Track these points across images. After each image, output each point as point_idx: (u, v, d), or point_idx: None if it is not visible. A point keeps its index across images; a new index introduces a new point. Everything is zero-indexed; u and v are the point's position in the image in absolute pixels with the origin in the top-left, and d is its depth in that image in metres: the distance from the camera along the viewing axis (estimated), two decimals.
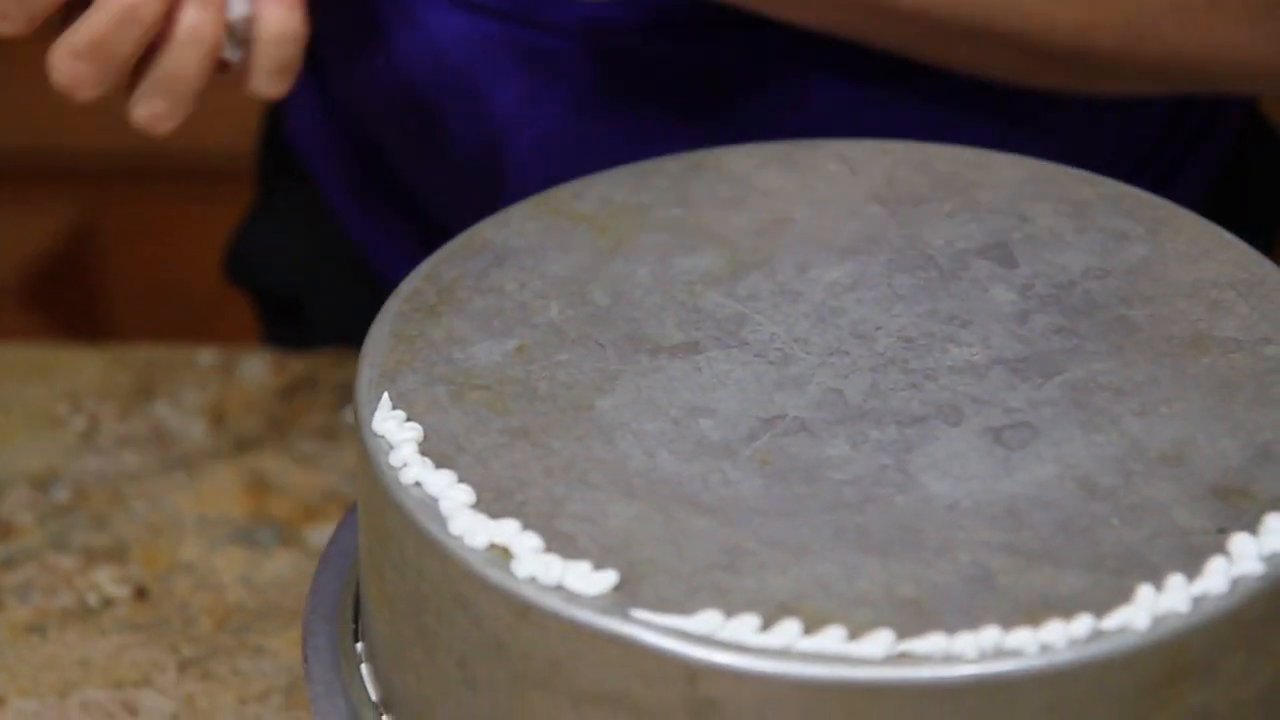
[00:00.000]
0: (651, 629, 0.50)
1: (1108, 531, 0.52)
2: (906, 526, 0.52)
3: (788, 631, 0.50)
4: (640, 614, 0.51)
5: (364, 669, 0.58)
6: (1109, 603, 0.50)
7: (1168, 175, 0.79)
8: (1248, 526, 0.52)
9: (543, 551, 0.52)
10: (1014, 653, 0.49)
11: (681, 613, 0.50)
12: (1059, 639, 0.50)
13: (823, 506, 0.53)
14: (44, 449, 0.79)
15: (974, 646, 0.50)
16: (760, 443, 0.55)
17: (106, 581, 0.74)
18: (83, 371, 0.82)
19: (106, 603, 0.73)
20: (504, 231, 0.62)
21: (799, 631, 0.50)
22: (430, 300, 0.59)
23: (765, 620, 0.50)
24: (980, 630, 0.50)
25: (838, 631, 0.50)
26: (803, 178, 0.63)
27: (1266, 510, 0.52)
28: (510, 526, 0.53)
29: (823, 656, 0.50)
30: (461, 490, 0.53)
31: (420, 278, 0.60)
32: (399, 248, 0.84)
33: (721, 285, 0.60)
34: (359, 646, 0.59)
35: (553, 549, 0.52)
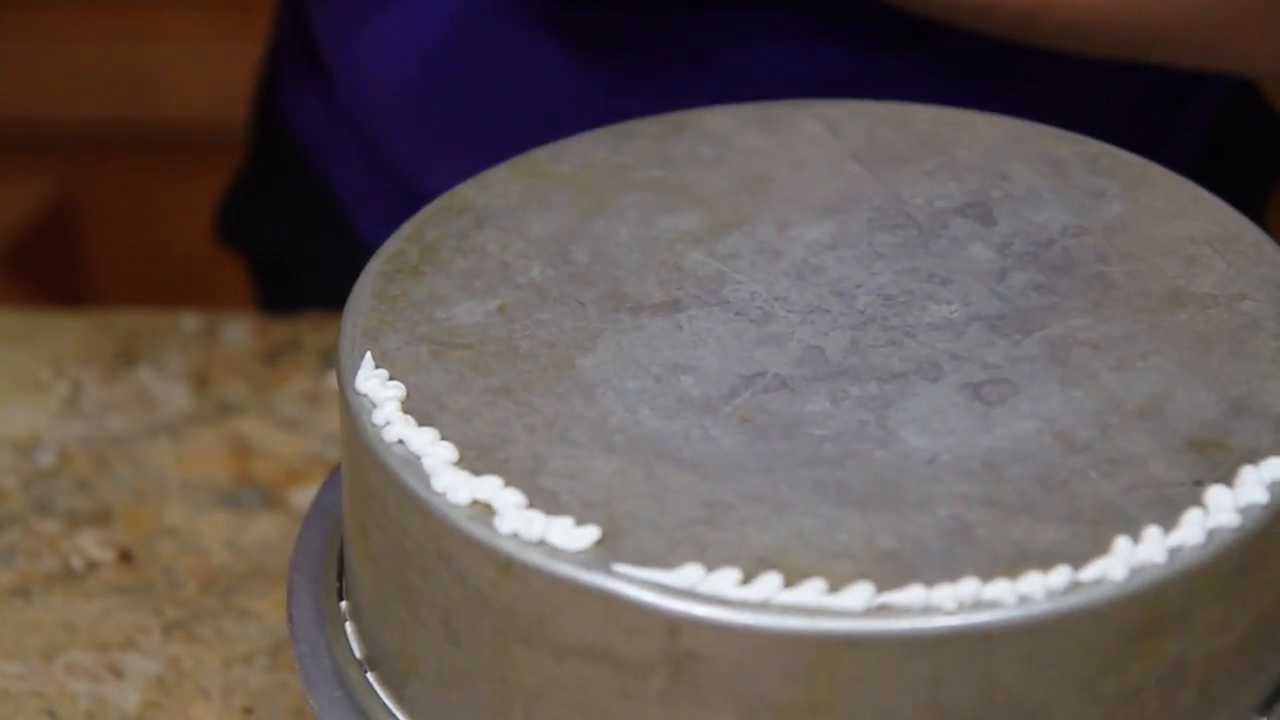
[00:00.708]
0: (633, 583, 0.51)
1: (1085, 484, 0.53)
2: (886, 481, 0.53)
3: (768, 585, 0.50)
4: (622, 568, 0.51)
5: (348, 627, 0.59)
6: (1086, 554, 0.51)
7: (1148, 147, 0.79)
8: (1223, 479, 0.52)
9: (525, 508, 0.52)
10: (992, 604, 0.50)
11: (663, 567, 0.51)
12: (1037, 590, 0.50)
13: (803, 462, 0.54)
14: (27, 414, 0.79)
15: (953, 598, 0.50)
16: (741, 399, 0.55)
17: (91, 545, 0.74)
18: (66, 337, 0.82)
19: (91, 566, 0.74)
20: (485, 193, 0.62)
21: (779, 584, 0.50)
22: (412, 261, 0.60)
23: (746, 574, 0.51)
24: (959, 582, 0.50)
25: (818, 584, 0.50)
26: (783, 138, 0.64)
27: (1242, 463, 0.53)
28: (492, 483, 0.53)
29: (803, 609, 0.50)
30: (444, 448, 0.54)
31: (402, 238, 0.60)
32: (392, 218, 0.85)
33: (702, 244, 0.60)
34: (343, 605, 0.59)
35: (535, 505, 0.52)
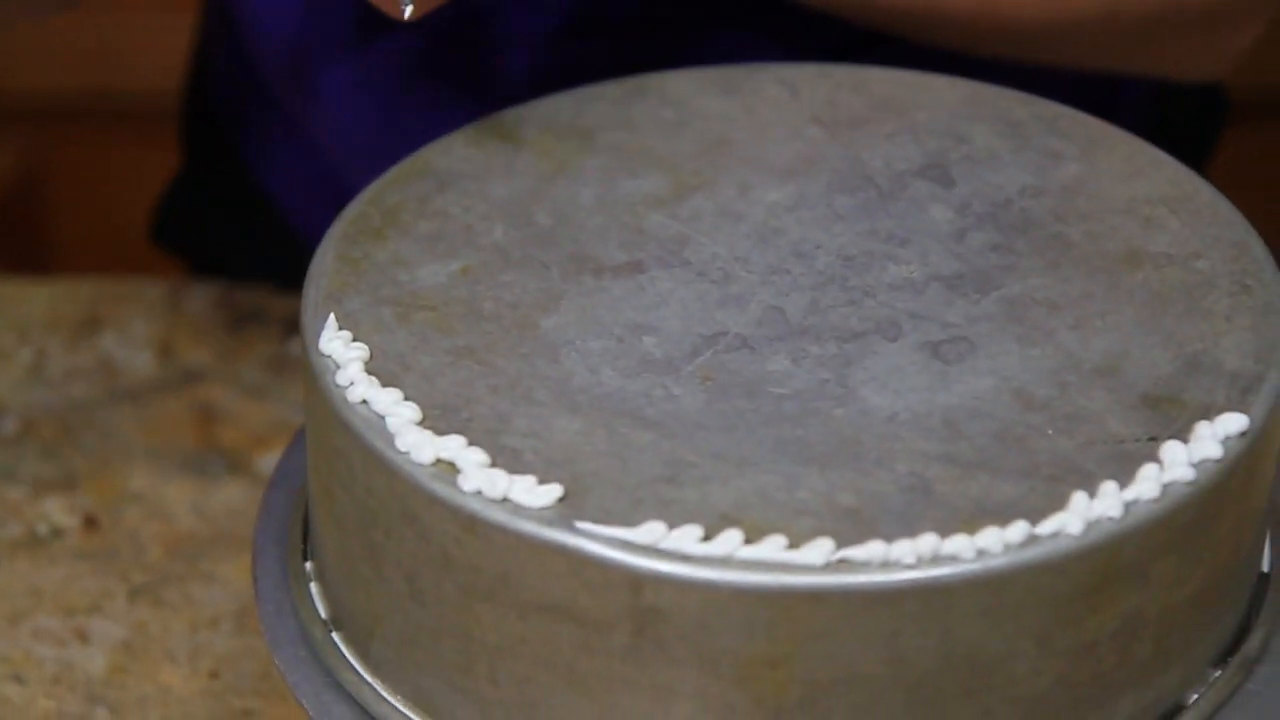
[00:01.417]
0: (596, 540, 0.51)
1: (1043, 441, 0.53)
2: (846, 438, 0.53)
3: (729, 541, 0.51)
4: (585, 526, 0.51)
5: (313, 588, 0.59)
6: (1044, 509, 0.51)
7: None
8: (1178, 434, 0.53)
9: (488, 466, 0.53)
10: (950, 558, 0.50)
11: (625, 524, 0.51)
12: (994, 544, 0.51)
13: (763, 420, 0.54)
14: None
15: (911, 553, 0.50)
16: (702, 359, 0.56)
17: (56, 511, 0.75)
18: (29, 304, 0.82)
19: (56, 532, 0.74)
20: (447, 156, 0.62)
21: (740, 541, 0.51)
22: (375, 224, 0.60)
23: (707, 530, 0.51)
24: (918, 537, 0.51)
25: (778, 540, 0.51)
26: (744, 101, 0.64)
27: (1197, 418, 0.53)
28: (456, 442, 0.53)
29: (764, 564, 0.51)
30: (408, 408, 0.54)
31: (364, 202, 0.61)
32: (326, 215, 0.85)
33: (664, 207, 0.60)
34: (308, 566, 0.60)
35: (498, 464, 0.53)
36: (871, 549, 0.51)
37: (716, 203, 0.61)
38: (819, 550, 0.51)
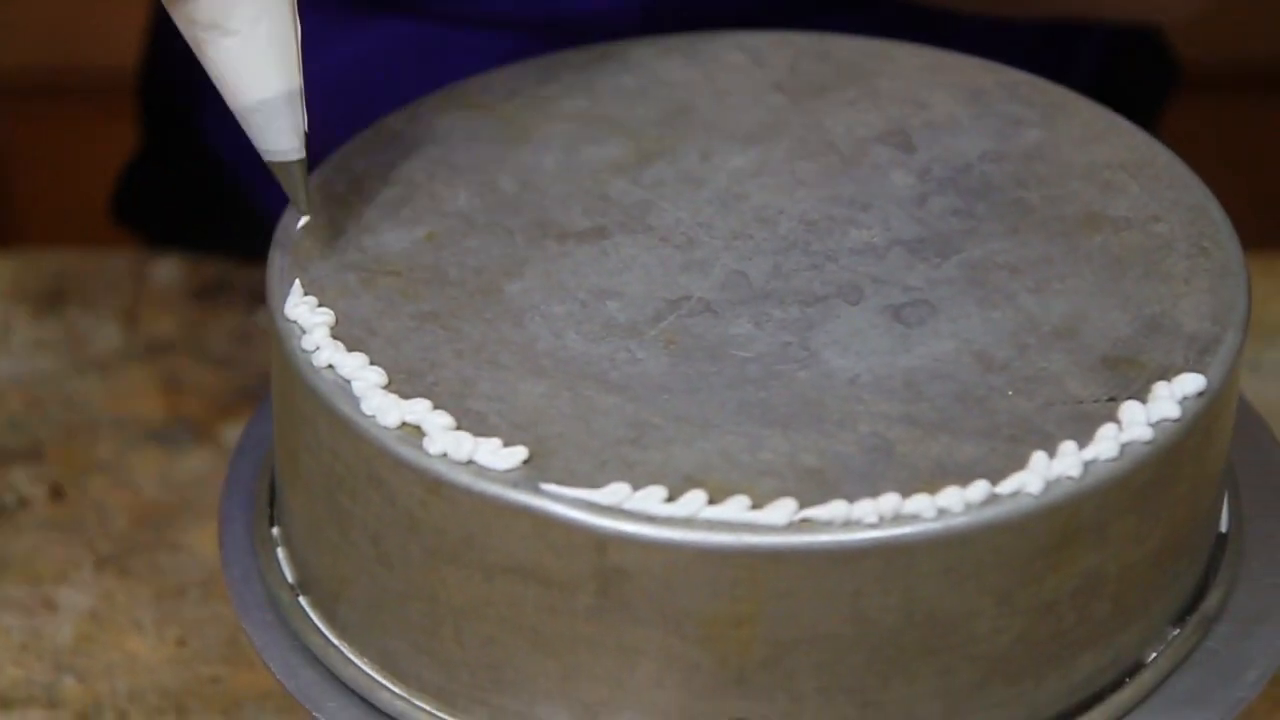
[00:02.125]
0: (561, 501, 0.52)
1: (1003, 402, 0.54)
2: (808, 400, 0.54)
3: (693, 501, 0.51)
4: (550, 487, 0.52)
5: (280, 553, 0.59)
6: (1004, 469, 0.52)
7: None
8: (1137, 395, 0.54)
9: (454, 429, 0.53)
10: (912, 517, 0.51)
11: (590, 485, 0.52)
12: (955, 504, 0.51)
13: (727, 383, 0.54)
14: None
15: (873, 512, 0.51)
16: (666, 323, 0.56)
17: (22, 481, 0.75)
18: None
19: (23, 502, 0.74)
20: (412, 124, 0.63)
21: (704, 501, 0.51)
22: (340, 190, 0.60)
23: (671, 491, 0.52)
24: (880, 497, 0.51)
25: (742, 501, 0.51)
26: (706, 68, 0.64)
27: (1155, 379, 0.54)
28: (421, 406, 0.54)
29: (727, 524, 0.51)
30: (373, 372, 0.54)
31: (330, 168, 0.61)
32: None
33: (627, 173, 0.61)
34: (274, 531, 0.60)
35: (463, 427, 0.53)
36: (834, 509, 0.51)
37: (679, 169, 0.61)
38: (782, 510, 0.51)
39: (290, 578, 0.59)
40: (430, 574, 0.53)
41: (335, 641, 0.57)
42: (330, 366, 0.55)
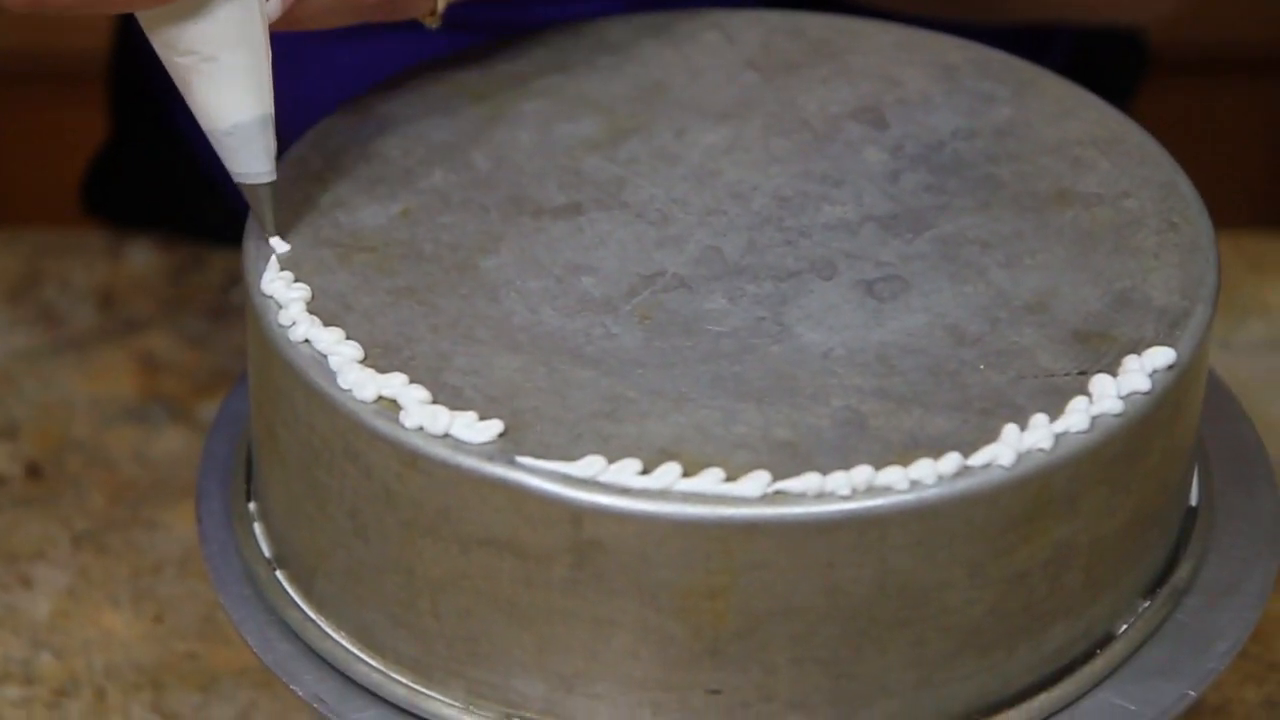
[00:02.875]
0: (536, 474, 0.52)
1: (975, 375, 0.54)
2: (782, 374, 0.54)
3: (668, 474, 0.52)
4: (525, 460, 0.52)
5: (257, 528, 0.60)
6: (975, 441, 0.52)
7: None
8: (1107, 368, 0.54)
9: (430, 403, 0.53)
10: (884, 489, 0.51)
11: (565, 458, 0.52)
12: (928, 475, 0.51)
13: (701, 357, 0.55)
14: None
15: (846, 484, 0.51)
16: (640, 298, 0.57)
17: None
18: None
19: None
20: (387, 101, 0.63)
21: (678, 474, 0.52)
22: (315, 167, 0.60)
23: (646, 464, 0.52)
24: (853, 469, 0.52)
25: (716, 473, 0.52)
26: (680, 46, 0.65)
27: (1125, 353, 0.55)
28: (398, 380, 0.54)
29: (701, 496, 0.51)
30: (349, 346, 0.55)
31: (306, 145, 0.61)
32: None
33: (601, 150, 0.61)
34: (251, 507, 0.60)
35: (440, 400, 0.53)
36: (807, 481, 0.51)
37: (653, 146, 0.61)
38: (756, 482, 0.51)
39: (267, 552, 0.59)
40: (407, 547, 0.54)
41: (312, 615, 0.57)
42: (307, 341, 0.55)
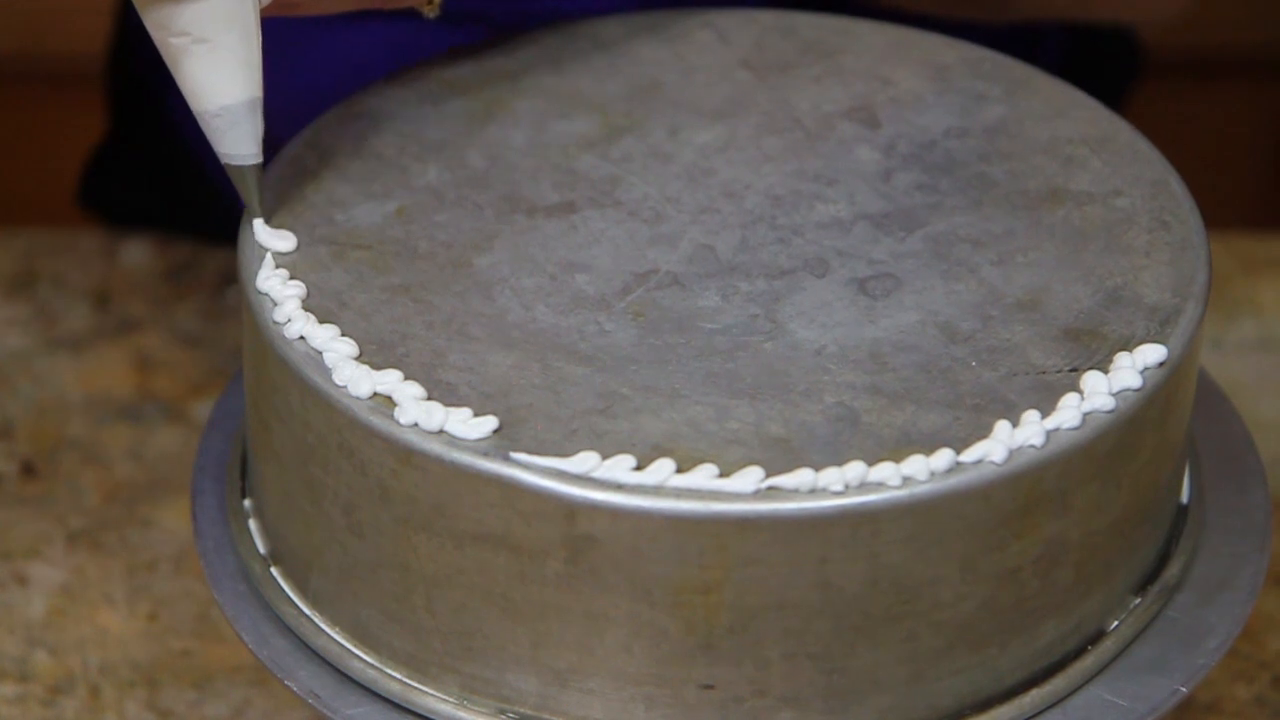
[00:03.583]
0: (531, 470, 0.52)
1: (967, 372, 0.54)
2: (775, 371, 0.54)
3: (661, 470, 0.52)
4: (520, 456, 0.52)
5: (252, 524, 0.60)
6: (968, 438, 0.53)
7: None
8: (1099, 365, 0.54)
9: (425, 400, 0.54)
10: (877, 485, 0.52)
11: (559, 454, 0.52)
12: (920, 471, 0.52)
13: (695, 354, 0.55)
14: None
15: (839, 480, 0.52)
16: (634, 296, 0.57)
17: None
18: None
19: None
20: (381, 100, 0.63)
21: (672, 470, 0.52)
22: (310, 165, 0.61)
23: (640, 460, 0.52)
24: (845, 465, 0.52)
25: (709, 469, 0.52)
26: (673, 45, 0.65)
27: (1116, 350, 0.55)
28: (393, 377, 0.54)
29: (695, 492, 0.52)
30: (345, 344, 0.55)
31: (300, 144, 0.61)
32: None
33: (595, 148, 0.61)
34: (246, 503, 0.60)
35: (434, 397, 0.54)
36: (800, 477, 0.52)
37: (647, 144, 0.61)
38: (749, 478, 0.52)
39: (262, 549, 0.59)
40: (401, 543, 0.54)
41: (307, 611, 0.57)
42: (302, 338, 0.55)
